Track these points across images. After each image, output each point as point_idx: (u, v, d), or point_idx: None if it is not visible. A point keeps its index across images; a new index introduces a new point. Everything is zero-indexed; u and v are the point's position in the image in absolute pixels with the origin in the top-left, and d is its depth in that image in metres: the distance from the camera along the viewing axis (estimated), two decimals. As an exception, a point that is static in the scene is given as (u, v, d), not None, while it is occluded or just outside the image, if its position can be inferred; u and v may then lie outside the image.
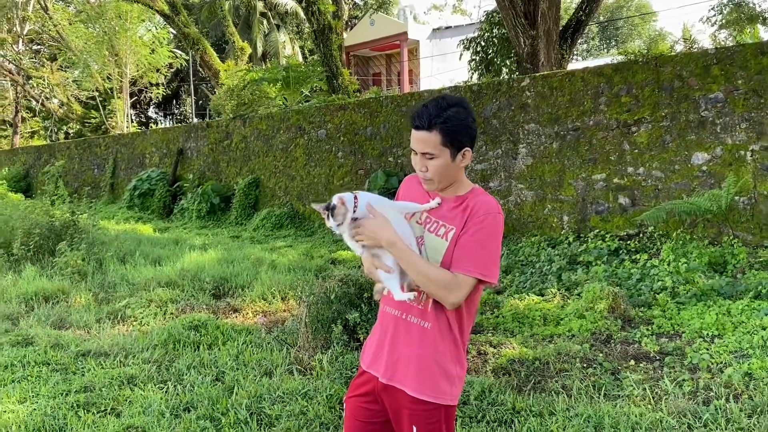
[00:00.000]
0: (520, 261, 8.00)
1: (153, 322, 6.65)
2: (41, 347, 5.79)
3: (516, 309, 6.24)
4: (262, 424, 4.11)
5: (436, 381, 2.23)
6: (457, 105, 2.24)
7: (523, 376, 4.67)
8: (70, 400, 4.55)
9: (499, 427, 3.86)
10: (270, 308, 7.23)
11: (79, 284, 8.27)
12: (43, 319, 6.82)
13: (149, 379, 4.98)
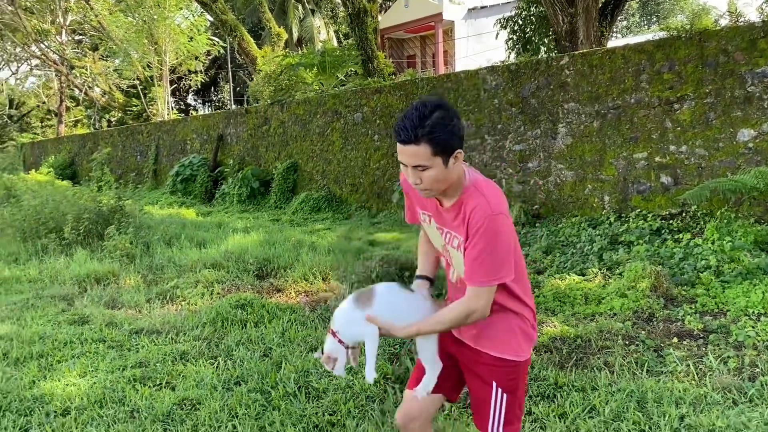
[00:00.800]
0: (561, 241, 7.98)
1: (201, 302, 6.87)
2: (96, 325, 6.06)
3: (557, 289, 6.26)
4: (310, 396, 4.25)
5: (517, 341, 2.37)
6: (439, 108, 2.17)
7: (564, 353, 4.71)
8: (127, 374, 4.77)
9: (542, 401, 3.92)
10: (312, 288, 7.39)
11: (128, 266, 8.56)
12: (96, 299, 7.11)
13: (200, 355, 5.18)
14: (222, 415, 4.01)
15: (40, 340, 5.62)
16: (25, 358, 5.22)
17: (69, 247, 9.55)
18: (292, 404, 4.11)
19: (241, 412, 4.03)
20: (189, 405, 4.22)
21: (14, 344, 5.47)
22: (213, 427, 3.86)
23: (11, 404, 4.31)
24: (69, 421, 4.03)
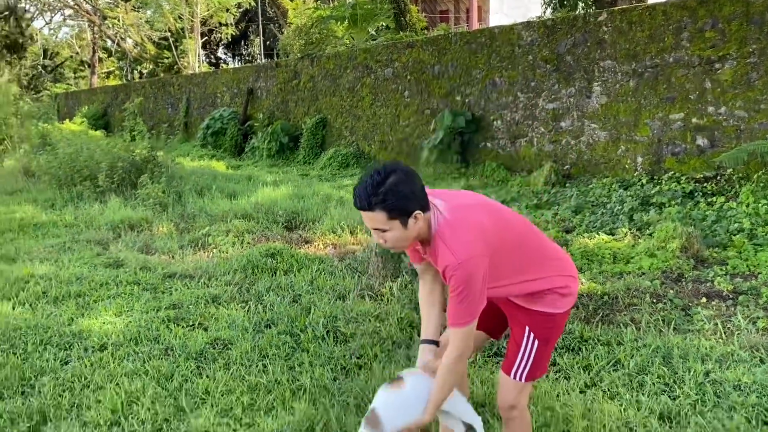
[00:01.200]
0: (591, 202, 7.91)
1: (231, 250, 7.01)
2: (131, 269, 6.23)
3: (585, 247, 6.24)
4: (338, 340, 4.36)
5: (553, 299, 2.46)
6: (393, 173, 2.23)
7: (591, 310, 4.73)
8: (161, 315, 4.93)
9: (567, 353, 3.97)
10: (339, 241, 7.47)
11: (161, 215, 8.74)
12: (130, 244, 7.29)
13: (232, 299, 5.32)
14: (253, 355, 4.13)
15: (77, 281, 5.81)
16: (63, 297, 5.42)
17: (103, 194, 9.76)
18: (320, 347, 4.22)
19: (272, 353, 4.15)
20: (221, 345, 4.36)
21: (53, 284, 5.67)
22: (244, 366, 3.99)
23: (51, 338, 4.49)
24: (106, 356, 4.19)
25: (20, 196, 10.36)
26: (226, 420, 3.34)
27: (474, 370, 3.76)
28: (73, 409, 3.53)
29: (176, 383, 3.78)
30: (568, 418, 3.08)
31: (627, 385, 3.49)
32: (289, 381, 3.75)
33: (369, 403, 3.32)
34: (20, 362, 4.10)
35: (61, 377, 3.89)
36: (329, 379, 3.76)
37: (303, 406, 3.38)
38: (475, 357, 3.94)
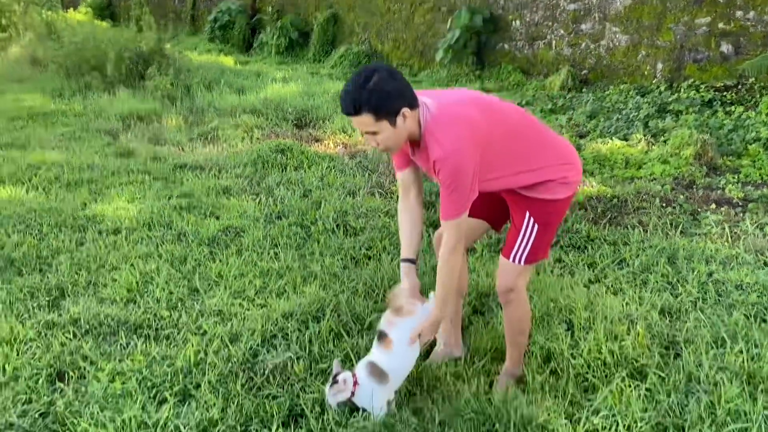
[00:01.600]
0: (606, 107, 7.75)
1: (241, 145, 6.99)
2: (142, 158, 6.25)
3: (598, 152, 6.18)
4: (348, 233, 4.42)
5: (553, 187, 2.46)
6: (375, 73, 2.21)
7: (599, 212, 4.75)
8: (173, 203, 4.99)
9: (572, 251, 4.02)
10: (350, 141, 7.42)
11: (170, 107, 8.65)
12: (140, 135, 7.27)
13: (242, 191, 5.36)
14: (264, 243, 4.21)
15: (89, 168, 5.84)
16: (76, 182, 5.47)
17: (111, 85, 9.62)
18: (330, 239, 4.29)
19: (283, 242, 4.23)
20: (233, 232, 4.43)
21: (65, 170, 5.71)
22: (256, 252, 4.07)
23: (66, 221, 4.57)
24: (120, 239, 4.28)
25: (28, 85, 10.23)
26: (239, 301, 3.45)
27: (480, 264, 3.84)
28: (89, 287, 3.64)
29: (189, 266, 3.88)
30: (571, 309, 3.16)
31: (630, 282, 3.56)
32: (300, 268, 3.83)
33: (377, 290, 3.43)
34: (36, 242, 4.19)
35: (77, 257, 3.99)
36: (339, 267, 3.84)
37: (313, 290, 3.48)
38: (478, 250, 4.01)
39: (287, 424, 2.47)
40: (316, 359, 2.85)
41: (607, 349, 2.81)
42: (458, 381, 2.66)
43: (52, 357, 2.90)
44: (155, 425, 2.42)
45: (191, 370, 2.79)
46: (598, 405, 2.47)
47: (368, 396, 2.41)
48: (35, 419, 2.52)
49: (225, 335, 3.04)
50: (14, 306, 3.40)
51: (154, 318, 3.26)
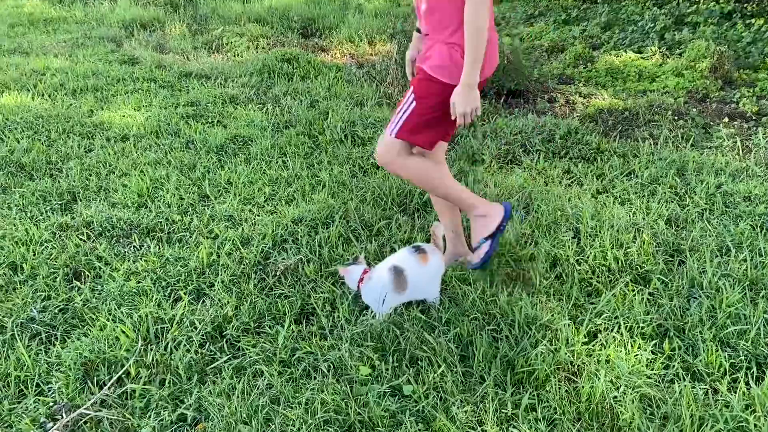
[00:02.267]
0: (622, 19, 7.51)
1: (246, 54, 6.85)
2: (146, 66, 6.15)
3: (611, 64, 6.04)
4: (356, 143, 4.40)
5: (451, 69, 2.35)
6: None
7: (610, 124, 4.70)
8: (180, 111, 4.95)
9: (581, 162, 4.01)
10: (357, 51, 7.26)
11: (173, 15, 8.43)
12: (144, 43, 7.12)
13: (249, 101, 5.30)
14: (273, 152, 4.20)
15: (94, 75, 5.76)
16: (81, 90, 5.41)
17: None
18: (338, 148, 4.27)
19: (291, 151, 4.22)
20: (241, 141, 4.41)
21: (69, 77, 5.63)
22: (265, 161, 4.07)
23: (74, 128, 4.56)
24: (128, 146, 4.28)
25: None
26: (249, 207, 3.48)
27: (489, 174, 3.84)
28: (101, 192, 3.67)
29: (199, 173, 3.89)
30: (578, 218, 3.19)
31: (638, 193, 3.56)
32: (309, 176, 3.84)
33: (385, 198, 3.45)
34: (45, 148, 4.20)
35: (87, 163, 4.01)
36: (347, 176, 3.85)
37: (322, 198, 3.51)
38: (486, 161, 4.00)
39: (299, 321, 2.55)
40: (326, 262, 2.91)
41: (612, 256, 2.85)
42: (463, 284, 2.72)
43: (68, 257, 2.97)
44: (171, 321, 2.51)
45: (204, 271, 2.86)
46: (601, 308, 2.53)
47: (377, 294, 2.47)
48: (55, 314, 2.61)
49: (236, 239, 3.09)
50: (28, 209, 3.44)
51: (166, 222, 3.30)
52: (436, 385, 2.17)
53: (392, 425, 2.04)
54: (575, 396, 2.12)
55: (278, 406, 2.10)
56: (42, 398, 2.17)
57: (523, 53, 6.05)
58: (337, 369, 2.27)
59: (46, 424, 2.07)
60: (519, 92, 5.44)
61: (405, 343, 2.36)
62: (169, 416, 2.08)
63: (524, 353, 2.28)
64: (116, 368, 2.29)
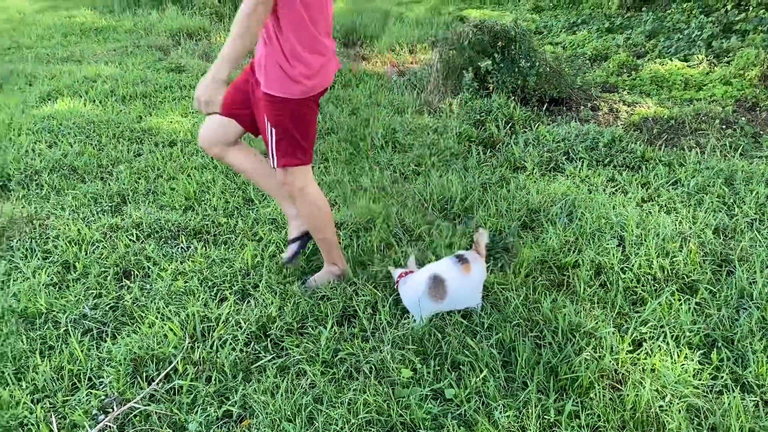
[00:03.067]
0: (667, 27, 7.40)
1: (289, 62, 6.96)
2: (193, 74, 6.30)
3: (656, 73, 5.95)
4: (397, 150, 4.43)
5: (282, 81, 2.29)
6: None
7: (655, 132, 4.63)
8: (225, 117, 5.05)
9: (626, 171, 3.96)
10: (398, 59, 7.31)
11: (218, 24, 8.62)
12: (190, 51, 7.30)
13: (291, 107, 5.37)
14: (315, 157, 4.25)
15: (142, 83, 5.93)
16: (130, 96, 5.57)
17: (160, 2, 9.61)
18: (379, 154, 4.31)
19: (332, 157, 4.27)
20: (283, 147, 4.48)
21: (119, 84, 5.81)
22: (307, 166, 4.13)
23: (123, 133, 4.70)
24: (176, 151, 4.39)
25: (78, 0, 10.30)
26: (292, 211, 3.53)
27: (530, 181, 3.82)
28: (149, 194, 3.78)
29: (243, 178, 3.97)
30: (623, 226, 3.15)
31: (684, 202, 3.50)
32: (350, 182, 3.88)
33: (426, 204, 3.46)
34: (97, 152, 4.34)
35: (136, 167, 4.12)
36: (388, 182, 3.88)
37: (363, 203, 3.54)
38: (529, 168, 3.98)
39: (341, 323, 2.58)
40: (367, 266, 2.93)
41: (658, 265, 2.81)
42: (505, 290, 2.71)
43: (118, 257, 3.06)
44: (217, 320, 2.56)
45: (249, 272, 2.91)
46: (646, 316, 2.50)
47: (410, 299, 2.50)
48: (106, 312, 2.69)
49: (279, 241, 3.15)
50: (80, 210, 3.56)
51: (212, 224, 3.38)
52: (478, 389, 2.17)
53: (434, 428, 2.05)
54: (620, 404, 2.09)
55: (321, 406, 2.13)
56: (94, 391, 2.24)
57: (565, 61, 6.02)
58: (378, 371, 2.29)
59: (98, 417, 2.14)
60: (561, 100, 5.41)
61: (446, 347, 2.37)
62: (215, 412, 2.13)
63: (568, 360, 2.26)
64: (164, 364, 2.35)
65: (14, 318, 2.64)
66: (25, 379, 2.31)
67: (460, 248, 3.02)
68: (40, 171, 4.03)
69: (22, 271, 2.98)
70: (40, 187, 3.86)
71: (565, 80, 5.44)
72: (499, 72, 5.29)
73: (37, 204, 3.64)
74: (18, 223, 3.40)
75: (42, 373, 2.31)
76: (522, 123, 4.81)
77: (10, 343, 2.48)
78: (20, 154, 4.22)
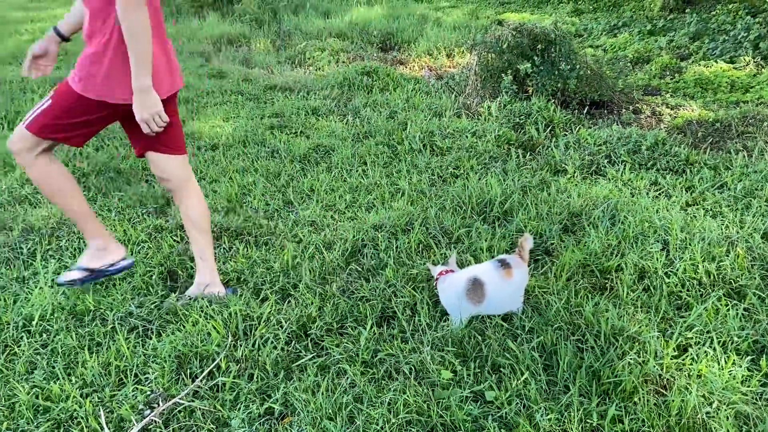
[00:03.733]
0: (712, 29, 7.23)
1: (328, 67, 7.04)
2: (234, 79, 6.42)
3: (700, 75, 5.83)
4: (434, 153, 4.43)
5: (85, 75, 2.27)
6: None
7: (699, 136, 4.53)
8: (265, 122, 5.13)
9: (669, 174, 3.88)
10: (435, 64, 7.32)
11: (258, 31, 8.77)
12: (231, 58, 7.44)
13: (330, 112, 5.43)
14: (353, 161, 4.29)
15: (185, 88, 6.05)
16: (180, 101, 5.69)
17: (201, 9, 9.81)
18: (417, 158, 4.32)
19: (370, 160, 4.29)
20: (322, 151, 4.53)
21: (163, 90, 5.94)
22: (345, 169, 4.16)
23: (167, 137, 4.80)
24: (218, 154, 4.47)
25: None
26: (331, 213, 3.57)
27: (572, 185, 3.78)
28: (192, 197, 3.85)
29: (283, 181, 4.03)
30: (667, 230, 3.09)
31: (731, 206, 3.41)
32: (388, 184, 3.90)
33: (464, 206, 3.45)
34: (142, 155, 4.45)
35: (180, 170, 4.21)
36: (426, 184, 3.88)
37: (401, 205, 3.55)
38: (570, 171, 3.94)
39: (380, 324, 2.59)
40: (406, 267, 2.94)
41: (704, 269, 2.74)
42: (547, 293, 2.69)
43: (163, 257, 3.13)
44: (259, 319, 2.60)
45: (289, 273, 2.94)
46: (692, 321, 2.45)
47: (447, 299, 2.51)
48: (151, 310, 2.75)
49: (319, 243, 3.18)
50: (126, 212, 3.66)
51: (253, 226, 3.43)
52: (519, 392, 2.16)
53: (474, 430, 2.04)
54: (665, 409, 2.05)
55: (362, 405, 2.14)
56: (140, 387, 2.30)
57: (606, 64, 5.94)
58: (418, 372, 2.29)
59: (144, 411, 2.19)
60: (602, 103, 5.34)
61: (487, 349, 2.36)
62: (257, 409, 2.16)
63: (611, 364, 2.23)
64: (207, 362, 2.39)
65: (64, 315, 2.72)
66: (75, 374, 2.38)
67: (500, 252, 3.01)
68: (88, 174, 4.15)
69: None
70: (88, 189, 3.97)
71: (606, 83, 5.37)
72: (538, 75, 5.25)
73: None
74: (67, 223, 3.50)
75: (90, 368, 2.38)
76: (562, 126, 4.76)
77: (60, 339, 2.56)
78: (68, 158, 4.36)
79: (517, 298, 2.57)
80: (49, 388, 2.29)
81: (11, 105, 5.51)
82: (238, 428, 2.09)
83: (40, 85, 6.10)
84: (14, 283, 2.99)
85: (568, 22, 8.97)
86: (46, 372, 2.39)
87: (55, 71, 6.78)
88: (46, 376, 2.37)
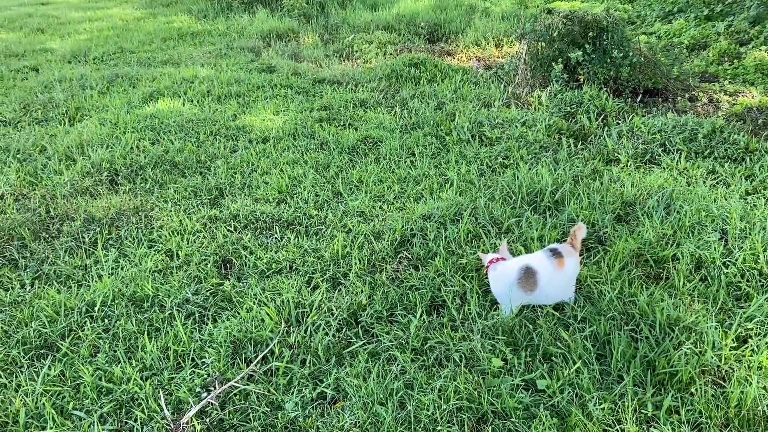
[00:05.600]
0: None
1: (375, 60, 7.06)
2: (283, 74, 6.50)
3: (761, 60, 5.61)
4: (483, 143, 4.40)
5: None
6: None
7: (760, 123, 4.37)
8: (314, 115, 5.19)
9: (728, 162, 3.76)
10: (483, 54, 7.25)
11: (306, 25, 8.85)
12: (280, 52, 7.53)
13: (378, 104, 5.45)
14: (401, 152, 4.30)
15: (236, 83, 6.18)
16: (225, 96, 5.82)
17: (251, 5, 9.96)
18: (465, 148, 4.30)
19: (419, 151, 4.30)
20: (371, 142, 4.56)
21: (215, 84, 6.08)
22: (393, 161, 4.18)
23: (219, 131, 4.92)
24: (269, 147, 4.55)
25: (175, 7, 10.85)
26: (380, 204, 3.60)
27: (625, 174, 3.70)
28: (244, 188, 3.94)
29: (332, 172, 4.07)
30: (725, 219, 3.00)
31: (794, 195, 3.29)
32: (437, 175, 3.90)
33: (514, 197, 3.42)
34: (195, 148, 4.56)
35: (232, 162, 4.31)
36: (475, 175, 3.86)
37: (450, 196, 3.55)
38: (623, 161, 3.85)
39: (429, 312, 2.60)
40: (456, 257, 2.94)
41: (765, 260, 2.66)
42: (599, 283, 2.65)
43: (217, 246, 3.22)
44: (310, 306, 2.65)
45: (339, 262, 2.98)
46: (752, 312, 2.37)
47: (498, 287, 2.50)
48: (207, 297, 2.84)
49: (368, 233, 3.21)
50: (181, 203, 3.77)
51: (304, 216, 3.48)
52: (571, 381, 2.14)
53: (525, 417, 2.03)
54: (723, 401, 2.00)
55: (412, 391, 2.16)
56: (197, 371, 2.37)
57: (660, 51, 5.78)
58: (468, 360, 2.29)
59: (201, 394, 2.26)
60: (657, 91, 5.20)
61: (538, 338, 2.34)
62: (309, 393, 2.20)
63: (666, 354, 2.19)
64: (261, 347, 2.45)
65: (124, 301, 2.82)
66: (135, 357, 2.48)
67: (550, 242, 2.98)
68: (145, 166, 4.28)
69: (130, 258, 3.19)
70: (145, 181, 4.10)
71: (660, 70, 5.23)
72: (590, 63, 5.15)
73: (142, 197, 3.88)
74: (125, 214, 3.63)
75: (150, 352, 2.47)
76: (615, 115, 4.66)
77: (120, 324, 2.67)
78: (126, 151, 4.51)
79: (569, 287, 2.54)
80: (111, 370, 2.39)
81: (72, 101, 5.73)
82: (292, 411, 2.14)
83: (98, 82, 6.33)
84: (78, 270, 3.12)
85: (621, 9, 8.75)
86: (108, 355, 2.49)
87: (108, 68, 7.01)
88: (108, 360, 2.47)
